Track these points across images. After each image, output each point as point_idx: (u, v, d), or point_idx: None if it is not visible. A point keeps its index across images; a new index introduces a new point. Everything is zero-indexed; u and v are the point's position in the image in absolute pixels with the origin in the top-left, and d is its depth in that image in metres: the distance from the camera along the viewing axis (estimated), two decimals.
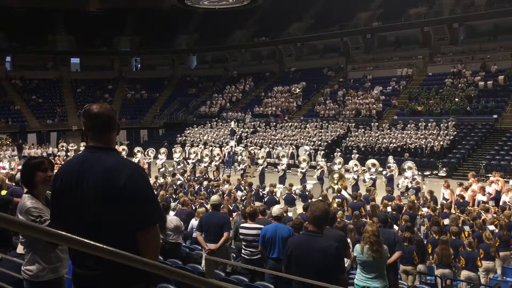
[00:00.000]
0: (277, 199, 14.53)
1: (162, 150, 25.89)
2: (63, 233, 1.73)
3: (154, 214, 2.34)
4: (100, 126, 2.40)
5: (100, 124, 2.40)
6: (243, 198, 14.42)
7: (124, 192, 2.23)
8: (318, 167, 20.91)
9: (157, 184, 16.86)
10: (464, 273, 8.19)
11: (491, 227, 10.04)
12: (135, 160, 24.75)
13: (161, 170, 22.88)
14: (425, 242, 9.25)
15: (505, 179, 17.20)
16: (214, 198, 7.58)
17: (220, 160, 25.29)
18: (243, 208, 11.11)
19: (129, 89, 46.08)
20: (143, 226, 2.28)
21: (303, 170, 20.93)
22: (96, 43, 47.21)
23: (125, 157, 2.64)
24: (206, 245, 6.91)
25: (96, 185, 2.26)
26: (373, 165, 19.64)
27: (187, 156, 26.38)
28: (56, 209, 2.46)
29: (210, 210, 7.63)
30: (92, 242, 1.73)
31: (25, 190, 3.41)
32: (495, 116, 26.60)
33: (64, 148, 30.42)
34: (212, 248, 6.81)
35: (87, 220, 2.28)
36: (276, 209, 7.03)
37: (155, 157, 25.55)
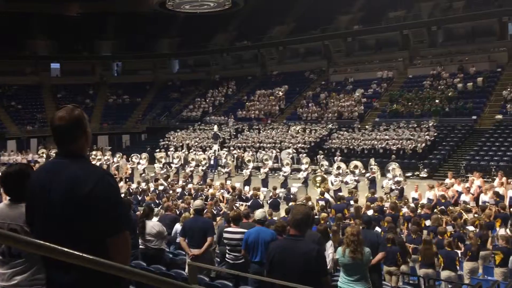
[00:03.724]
0: (261, 202, 14.52)
1: (144, 155, 25.69)
2: (43, 242, 1.72)
3: (121, 220, 2.31)
4: (61, 139, 2.36)
5: (61, 137, 2.35)
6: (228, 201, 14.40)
7: (89, 199, 2.20)
8: (304, 169, 20.94)
9: (140, 189, 16.74)
10: (445, 274, 8.28)
11: (471, 228, 10.19)
12: (115, 164, 24.52)
13: (143, 175, 22.71)
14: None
15: (484, 179, 17.50)
16: (197, 203, 7.55)
17: (205, 165, 25.19)
18: (227, 212, 11.08)
19: (110, 94, 45.62)
20: (111, 232, 2.26)
21: (285, 174, 20.96)
22: (76, 48, 46.67)
23: (93, 163, 2.56)
24: (190, 251, 6.88)
25: (61, 193, 2.24)
26: (356, 167, 19.78)
27: (170, 161, 26.22)
28: (30, 214, 2.44)
29: (193, 215, 7.59)
30: (71, 251, 1.72)
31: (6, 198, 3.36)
32: (474, 117, 27.00)
33: (44, 155, 29.83)
34: (195, 253, 6.78)
35: (56, 229, 2.26)
36: (259, 213, 7.01)
37: (138, 163, 25.32)
